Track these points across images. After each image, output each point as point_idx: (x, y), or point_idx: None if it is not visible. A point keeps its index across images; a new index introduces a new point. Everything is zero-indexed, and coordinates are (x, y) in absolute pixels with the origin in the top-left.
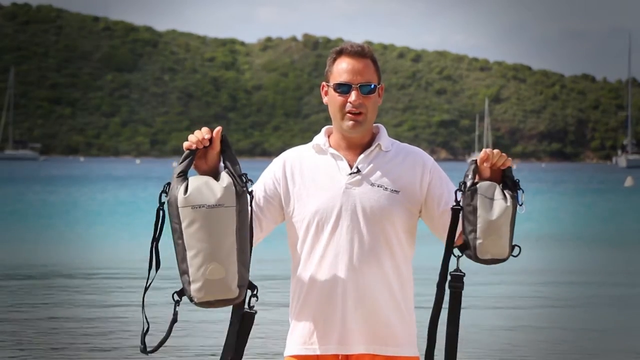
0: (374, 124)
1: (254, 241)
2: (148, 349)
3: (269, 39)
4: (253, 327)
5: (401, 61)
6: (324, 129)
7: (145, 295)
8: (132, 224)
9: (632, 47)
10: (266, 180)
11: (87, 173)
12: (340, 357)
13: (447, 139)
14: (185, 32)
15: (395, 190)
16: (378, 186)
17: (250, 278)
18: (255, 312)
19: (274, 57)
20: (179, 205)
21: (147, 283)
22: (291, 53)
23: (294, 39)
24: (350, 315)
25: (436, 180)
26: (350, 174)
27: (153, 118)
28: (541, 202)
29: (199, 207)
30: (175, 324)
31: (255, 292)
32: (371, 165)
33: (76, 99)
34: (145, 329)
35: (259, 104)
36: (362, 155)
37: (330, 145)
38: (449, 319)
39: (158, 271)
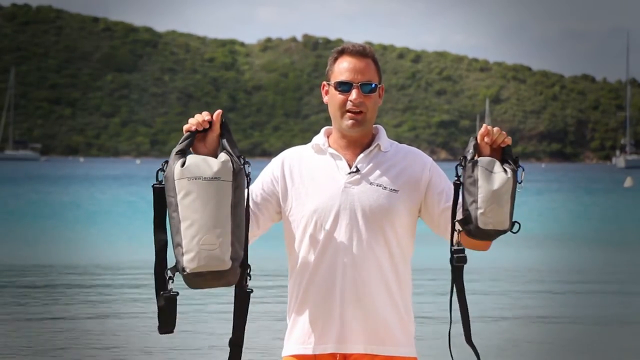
0: (374, 125)
1: (249, 237)
2: (162, 328)
3: (268, 40)
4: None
5: (401, 61)
6: (323, 130)
7: (159, 275)
8: (133, 224)
9: (632, 47)
10: (264, 178)
11: (90, 173)
12: (338, 357)
13: (447, 140)
14: (185, 32)
15: (394, 190)
16: (377, 185)
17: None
18: (251, 291)
19: (273, 58)
20: (175, 178)
21: (155, 261)
22: (291, 53)
23: (293, 39)
24: (349, 314)
25: (435, 178)
26: (350, 173)
27: (153, 118)
28: (541, 202)
29: (195, 179)
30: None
31: (248, 272)
32: (370, 164)
33: (76, 100)
34: (162, 306)
35: (258, 104)
36: (361, 155)
37: (329, 145)
38: (459, 296)
39: (167, 249)
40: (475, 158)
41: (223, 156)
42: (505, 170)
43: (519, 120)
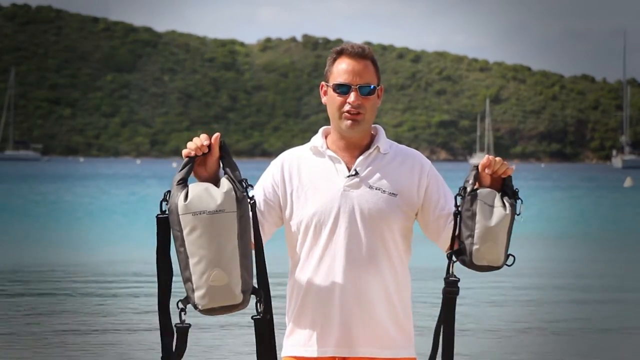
0: (373, 125)
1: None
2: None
3: (268, 40)
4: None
5: (401, 62)
6: (321, 130)
7: (163, 304)
8: (136, 224)
9: (632, 47)
10: (265, 183)
11: (93, 173)
12: (337, 359)
13: (447, 140)
14: (185, 32)
15: (393, 193)
16: (376, 189)
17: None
18: (269, 317)
19: (273, 58)
20: (179, 213)
21: (159, 291)
22: (291, 54)
23: (293, 39)
24: (348, 317)
25: (433, 184)
26: (349, 176)
27: (153, 118)
28: (541, 203)
29: (200, 214)
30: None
31: (260, 298)
32: (369, 167)
33: (76, 100)
34: (166, 338)
35: (258, 104)
36: (360, 158)
37: (328, 147)
38: (445, 323)
39: (172, 279)
40: (475, 188)
41: (225, 184)
42: (504, 205)
43: (518, 120)
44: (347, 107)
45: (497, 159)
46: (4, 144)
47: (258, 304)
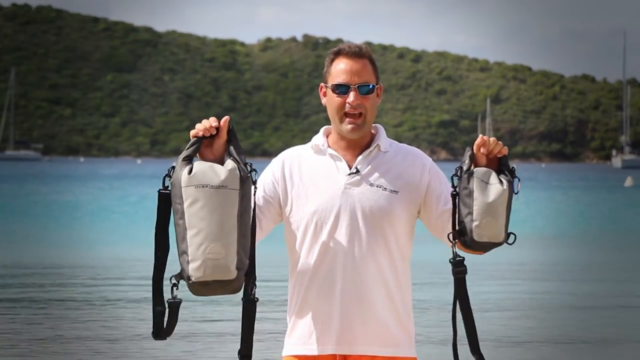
0: (373, 124)
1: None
2: (160, 335)
3: (268, 40)
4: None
5: (401, 62)
6: (322, 129)
7: (157, 280)
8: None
9: (632, 47)
10: (265, 180)
11: (95, 173)
12: (338, 358)
13: (447, 140)
14: (185, 32)
15: (394, 191)
16: (377, 186)
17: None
18: (257, 300)
19: (274, 58)
20: (182, 185)
21: (155, 266)
22: (291, 53)
23: (293, 39)
24: (348, 315)
25: (435, 180)
26: (349, 174)
27: (153, 118)
28: (540, 203)
29: (203, 187)
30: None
31: (252, 281)
32: (370, 165)
33: (76, 100)
34: (158, 313)
35: (259, 104)
36: (361, 156)
37: (329, 146)
38: (461, 306)
39: (168, 256)
40: (471, 169)
41: (230, 164)
42: (501, 182)
43: (519, 120)
44: (347, 108)
45: (492, 139)
46: (4, 144)
47: (252, 286)
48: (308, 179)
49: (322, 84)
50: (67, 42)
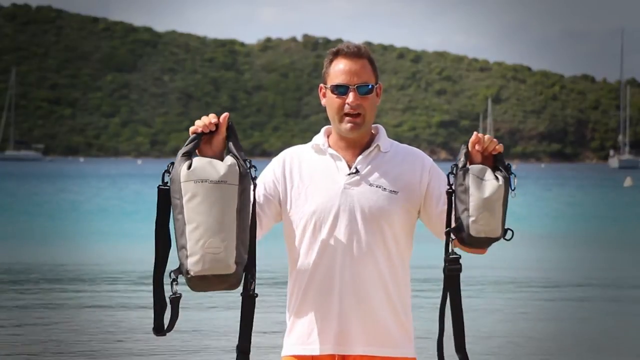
0: (373, 125)
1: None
2: (161, 330)
3: (268, 40)
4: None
5: (401, 62)
6: (323, 129)
7: (158, 276)
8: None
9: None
10: (266, 179)
11: (97, 173)
12: (336, 358)
13: (447, 140)
14: (185, 32)
15: (394, 191)
16: (377, 186)
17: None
18: (256, 295)
19: (273, 58)
20: (181, 180)
21: (155, 262)
22: (291, 54)
23: (293, 39)
24: (347, 315)
25: (435, 180)
26: (349, 174)
27: (153, 118)
28: (540, 203)
29: (202, 182)
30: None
31: (251, 276)
32: (370, 165)
33: (76, 100)
34: (158, 309)
35: (258, 104)
36: (360, 156)
37: (329, 146)
38: (452, 304)
39: (169, 252)
40: (467, 166)
41: (229, 159)
42: (496, 178)
43: (518, 120)
44: (346, 109)
45: (487, 136)
46: (5, 144)
47: (251, 282)
48: (308, 179)
49: (321, 85)
50: (67, 42)
